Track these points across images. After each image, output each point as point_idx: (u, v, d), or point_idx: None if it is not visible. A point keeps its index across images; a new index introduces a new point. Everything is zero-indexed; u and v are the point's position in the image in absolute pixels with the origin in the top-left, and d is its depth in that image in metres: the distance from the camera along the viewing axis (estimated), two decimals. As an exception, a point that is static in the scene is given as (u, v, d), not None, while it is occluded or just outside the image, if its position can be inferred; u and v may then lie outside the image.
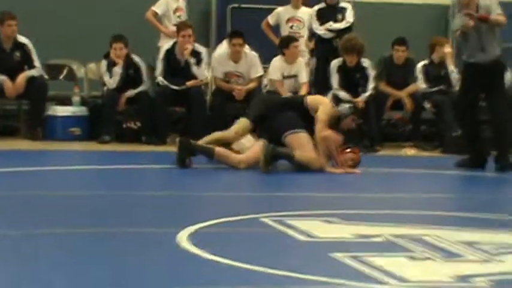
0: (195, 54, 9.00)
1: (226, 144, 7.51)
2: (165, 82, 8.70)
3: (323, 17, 9.50)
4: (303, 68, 9.39)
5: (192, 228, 4.80)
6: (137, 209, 5.58)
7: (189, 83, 8.68)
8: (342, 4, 9.74)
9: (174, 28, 9.07)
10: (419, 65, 9.49)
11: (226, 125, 9.14)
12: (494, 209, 6.28)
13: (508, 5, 8.36)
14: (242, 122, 7.49)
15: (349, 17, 9.50)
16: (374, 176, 8.04)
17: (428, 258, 4.43)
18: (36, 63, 8.77)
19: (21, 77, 8.59)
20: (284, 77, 9.27)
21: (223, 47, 8.72)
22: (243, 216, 5.36)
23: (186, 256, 4.19)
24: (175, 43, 8.68)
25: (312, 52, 9.89)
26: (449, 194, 7.17)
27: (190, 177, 7.21)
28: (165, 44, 9.21)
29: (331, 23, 9.37)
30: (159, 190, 6.65)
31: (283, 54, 9.19)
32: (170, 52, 8.85)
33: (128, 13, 10.01)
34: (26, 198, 5.71)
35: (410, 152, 9.03)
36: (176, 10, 9.48)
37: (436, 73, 9.63)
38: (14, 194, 5.86)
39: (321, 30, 9.44)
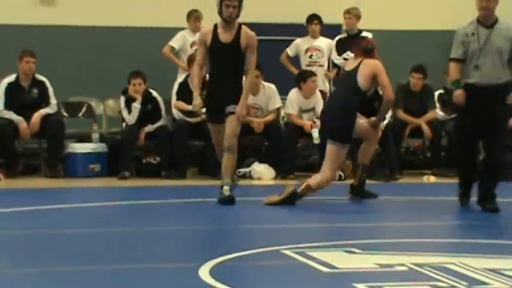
0: None
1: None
2: (180, 115, 8.71)
3: (343, 46, 9.47)
4: (320, 100, 9.40)
5: (213, 262, 4.77)
6: (159, 243, 5.56)
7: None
8: (364, 34, 9.80)
9: (191, 62, 8.97)
10: (436, 93, 9.51)
11: (243, 158, 9.32)
12: None
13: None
14: None
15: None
16: (395, 204, 8.03)
17: (454, 287, 4.38)
18: (52, 100, 8.84)
19: (36, 116, 8.65)
20: (302, 111, 9.33)
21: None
22: (264, 249, 5.34)
23: None
24: (187, 76, 8.59)
25: (333, 81, 9.98)
26: (471, 221, 7.06)
27: (210, 210, 7.23)
28: (179, 78, 9.24)
29: (348, 52, 9.19)
30: (180, 224, 6.61)
31: (300, 88, 9.26)
32: (183, 85, 8.77)
33: (145, 49, 10.10)
34: (47, 236, 5.71)
35: (430, 179, 9.01)
36: (193, 44, 9.35)
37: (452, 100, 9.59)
38: (35, 232, 5.86)
39: (338, 59, 9.40)
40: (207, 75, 7.56)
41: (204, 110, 7.38)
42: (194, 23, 9.22)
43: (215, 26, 7.07)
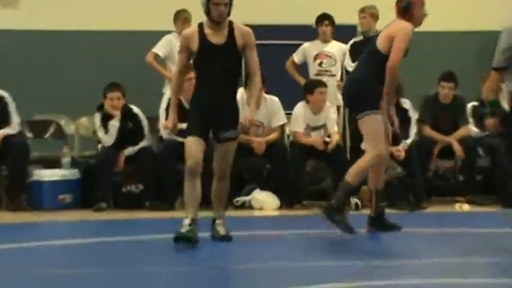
0: None
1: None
2: (171, 135, 8.56)
3: (357, 51, 8.99)
4: (331, 114, 9.18)
5: None
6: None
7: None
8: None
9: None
10: (469, 105, 9.35)
11: (242, 184, 9.45)
12: None
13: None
14: None
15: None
16: (421, 237, 7.88)
17: None
18: (14, 119, 8.75)
19: (-6, 138, 8.43)
20: (311, 128, 9.15)
21: (240, 92, 8.78)
22: None
23: None
24: None
25: None
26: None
27: (205, 247, 7.09)
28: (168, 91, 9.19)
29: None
30: (170, 265, 6.54)
31: (308, 101, 9.10)
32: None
33: (124, 57, 10.38)
34: (8, 279, 5.59)
35: (464, 207, 8.87)
36: None
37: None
38: None
39: (352, 66, 9.10)
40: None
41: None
42: (182, 25, 8.88)
43: (200, 25, 6.88)
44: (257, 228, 8.56)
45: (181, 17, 9.78)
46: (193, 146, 6.90)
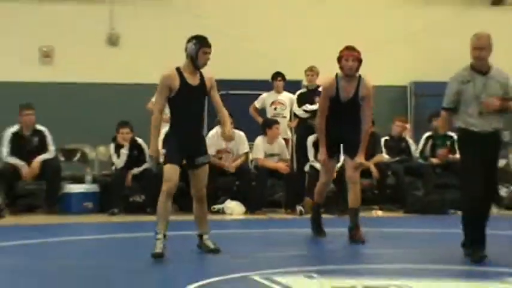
0: None
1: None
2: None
3: (302, 99, 9.56)
4: (283, 146, 9.43)
5: (192, 286, 4.82)
6: (144, 273, 5.56)
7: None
8: (321, 88, 9.49)
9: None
10: (383, 139, 9.63)
11: (217, 196, 9.27)
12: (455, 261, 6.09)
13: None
14: None
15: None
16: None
17: None
18: (51, 147, 8.92)
19: (36, 161, 8.72)
20: (267, 155, 9.30)
21: (215, 129, 8.80)
22: (235, 275, 5.35)
23: None
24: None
25: (294, 130, 10.00)
26: (415, 249, 6.97)
27: (188, 242, 6.91)
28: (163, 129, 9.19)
29: (307, 105, 9.42)
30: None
31: (265, 134, 9.21)
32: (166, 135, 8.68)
33: (132, 103, 10.30)
34: (45, 269, 5.67)
35: (378, 213, 9.10)
36: None
37: (396, 145, 9.84)
38: (33, 264, 5.82)
39: (298, 110, 9.49)
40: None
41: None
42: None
43: (178, 69, 6.13)
44: (228, 228, 8.64)
45: None
46: (172, 172, 6.16)
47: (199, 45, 5.89)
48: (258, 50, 10.54)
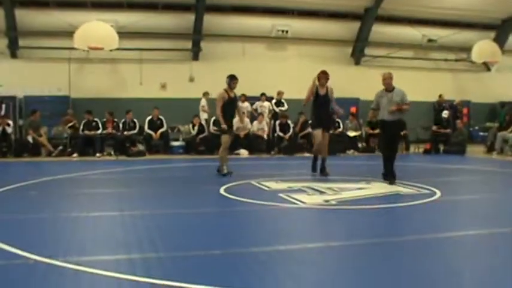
0: None
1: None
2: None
3: (276, 104, 17.46)
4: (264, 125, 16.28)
5: (224, 186, 7.97)
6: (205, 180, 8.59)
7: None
8: (283, 100, 17.62)
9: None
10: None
11: (235, 147, 14.47)
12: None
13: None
14: None
15: (285, 104, 17.43)
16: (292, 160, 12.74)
17: (314, 194, 7.26)
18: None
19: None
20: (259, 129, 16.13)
21: (237, 117, 11.45)
22: (244, 181, 8.66)
23: (224, 197, 7.27)
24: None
25: (272, 117, 17.30)
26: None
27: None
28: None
29: (281, 107, 17.33)
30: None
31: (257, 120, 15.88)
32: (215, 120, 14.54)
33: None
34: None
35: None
36: None
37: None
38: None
39: (276, 109, 17.34)
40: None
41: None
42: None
43: (225, 90, 9.76)
44: (241, 161, 12.90)
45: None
46: (227, 138, 9.94)
47: (231, 78, 9.83)
48: (253, 80, 17.59)
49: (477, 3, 21.45)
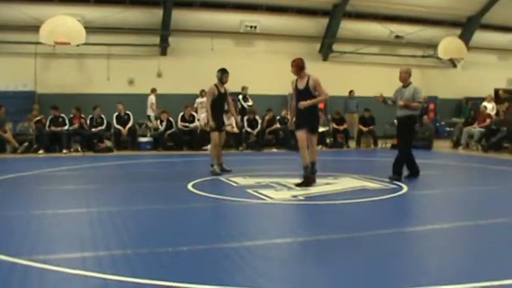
0: None
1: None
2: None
3: (243, 99, 17.64)
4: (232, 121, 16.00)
5: (192, 182, 8.25)
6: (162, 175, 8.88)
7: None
8: (247, 96, 17.65)
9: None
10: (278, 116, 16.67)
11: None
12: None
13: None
14: None
15: (250, 100, 17.85)
16: (261, 156, 13.22)
17: (281, 190, 7.59)
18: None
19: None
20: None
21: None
22: (212, 177, 9.16)
23: (193, 193, 7.47)
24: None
25: (240, 112, 17.25)
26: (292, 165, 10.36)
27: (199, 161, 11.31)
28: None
29: (248, 103, 17.74)
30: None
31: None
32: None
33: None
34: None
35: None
36: None
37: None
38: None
39: (244, 104, 17.58)
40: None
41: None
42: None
43: (215, 85, 9.61)
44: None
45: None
46: (216, 135, 9.82)
47: (223, 72, 9.61)
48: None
49: (443, 1, 21.92)
